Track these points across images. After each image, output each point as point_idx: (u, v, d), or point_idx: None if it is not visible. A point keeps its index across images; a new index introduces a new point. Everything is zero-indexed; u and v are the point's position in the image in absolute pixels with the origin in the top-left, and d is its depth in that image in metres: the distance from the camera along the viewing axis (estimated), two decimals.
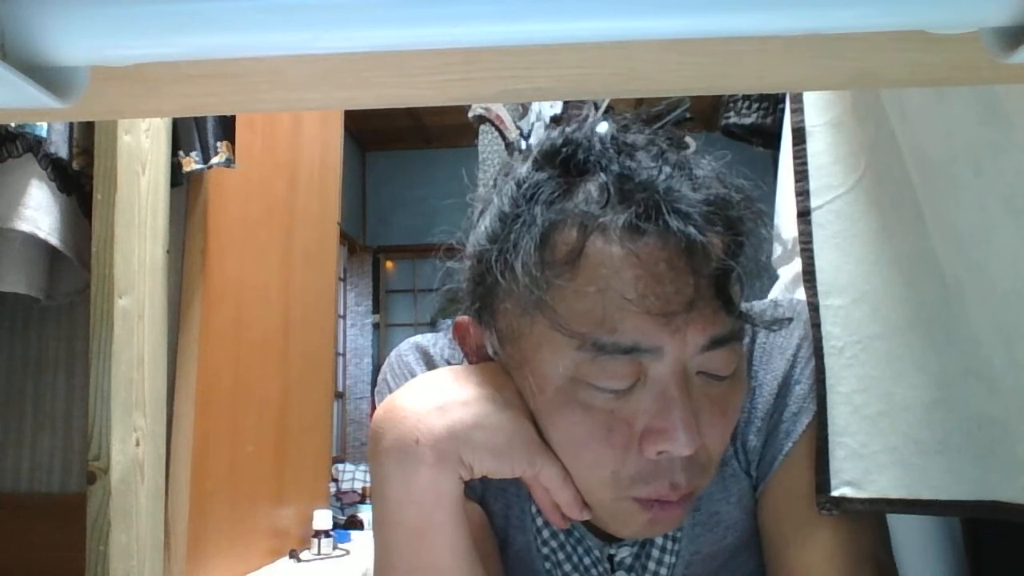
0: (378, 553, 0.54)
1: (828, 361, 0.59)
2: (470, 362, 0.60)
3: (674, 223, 0.47)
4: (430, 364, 0.65)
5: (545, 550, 0.63)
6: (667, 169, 0.49)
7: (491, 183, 0.57)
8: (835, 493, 0.57)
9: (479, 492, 0.64)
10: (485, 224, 0.54)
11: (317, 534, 2.00)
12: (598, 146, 0.52)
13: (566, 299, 0.48)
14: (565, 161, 0.52)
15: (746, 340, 0.60)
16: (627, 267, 0.47)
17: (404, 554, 0.52)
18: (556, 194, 0.50)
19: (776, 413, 0.59)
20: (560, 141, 0.53)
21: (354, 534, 2.28)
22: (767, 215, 0.54)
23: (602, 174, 0.50)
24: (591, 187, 0.50)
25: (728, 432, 0.54)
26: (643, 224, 0.47)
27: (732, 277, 0.49)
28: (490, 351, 0.56)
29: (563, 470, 0.52)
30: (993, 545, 0.78)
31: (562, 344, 0.49)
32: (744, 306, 0.51)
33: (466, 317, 0.58)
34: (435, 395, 0.53)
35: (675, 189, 0.48)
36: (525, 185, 0.52)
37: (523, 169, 0.54)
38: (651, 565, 0.61)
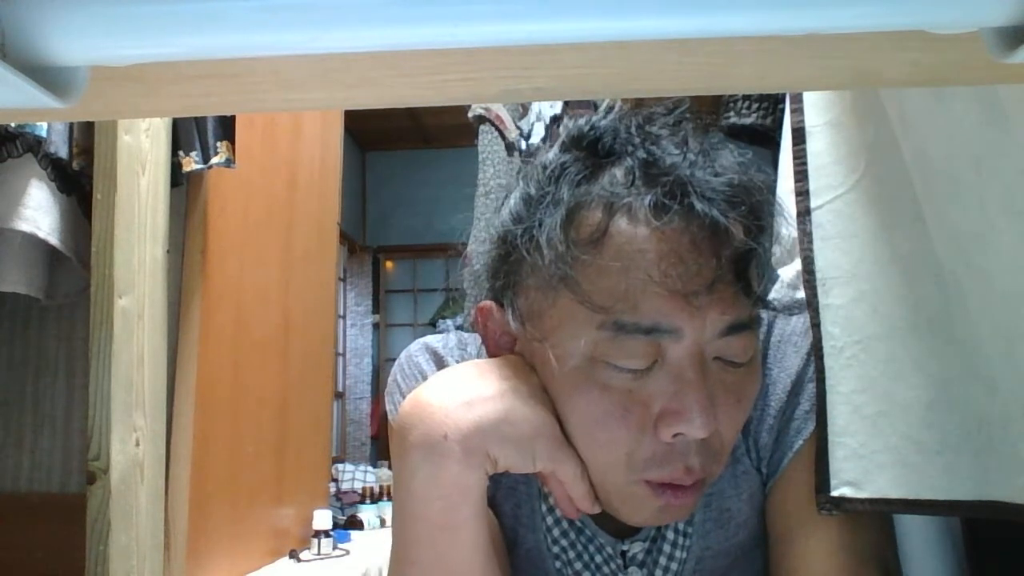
0: (397, 549, 0.54)
1: (828, 361, 0.59)
2: (489, 352, 0.60)
3: (698, 204, 0.48)
4: (440, 365, 0.65)
5: (556, 549, 0.63)
6: (691, 156, 0.51)
7: (516, 172, 0.58)
8: (835, 493, 0.57)
9: (490, 493, 0.64)
10: (509, 207, 0.55)
11: (317, 534, 2.00)
12: (623, 133, 0.53)
13: (590, 276, 0.49)
14: (592, 144, 0.53)
15: (761, 337, 0.60)
16: (650, 246, 0.48)
17: (425, 549, 0.52)
18: (582, 175, 0.52)
19: (788, 410, 0.60)
20: (587, 127, 0.54)
21: (354, 534, 2.29)
22: (781, 205, 0.55)
23: (628, 159, 0.51)
24: (616, 171, 0.51)
25: (742, 420, 0.54)
26: (668, 202, 0.48)
27: (752, 261, 0.50)
28: (512, 327, 0.56)
29: (580, 465, 0.53)
30: (993, 545, 0.78)
31: (583, 321, 0.50)
32: (762, 295, 0.52)
33: (488, 302, 0.59)
34: (462, 390, 0.53)
35: (698, 173, 0.50)
36: (552, 167, 0.53)
37: (549, 155, 0.55)
38: (662, 560, 0.61)
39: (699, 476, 0.52)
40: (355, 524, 2.53)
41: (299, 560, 1.92)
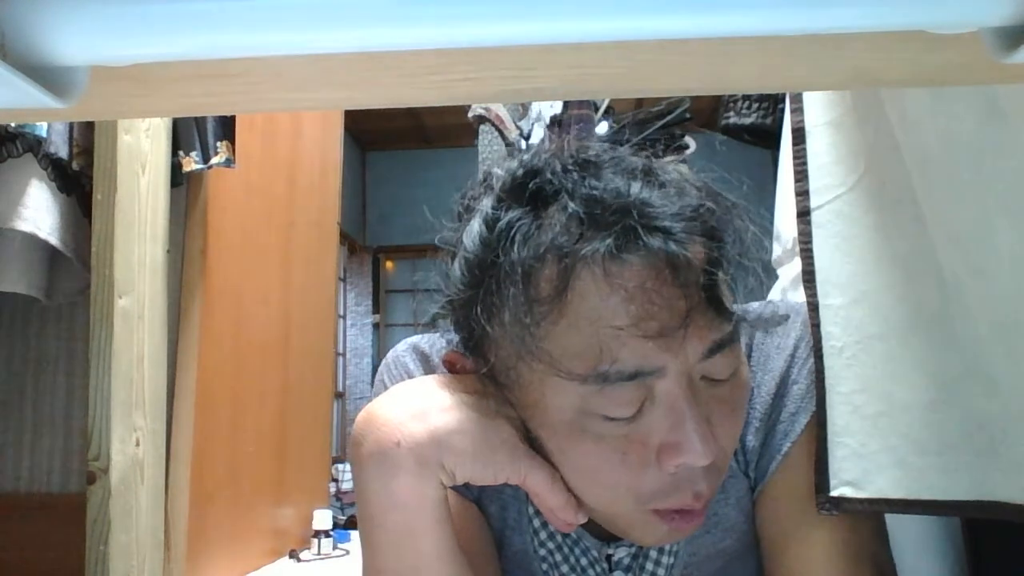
0: (365, 557, 0.54)
1: (828, 361, 0.59)
2: None
3: (654, 243, 0.46)
4: (427, 365, 0.65)
5: (542, 551, 0.63)
6: (636, 185, 0.48)
7: (458, 224, 0.54)
8: (834, 493, 0.57)
9: (475, 493, 0.64)
10: (460, 269, 0.52)
11: (317, 534, 2.01)
12: (560, 170, 0.50)
13: (559, 338, 0.47)
14: (532, 195, 0.50)
15: (744, 342, 0.60)
16: (615, 296, 0.46)
17: (389, 557, 0.52)
18: (529, 231, 0.49)
19: (774, 413, 0.59)
20: (521, 173, 0.51)
21: (354, 534, 2.28)
22: (741, 206, 0.52)
23: (570, 202, 0.48)
24: (561, 217, 0.48)
25: (740, 428, 0.53)
26: (624, 255, 0.46)
27: (720, 283, 0.49)
28: (491, 390, 0.54)
29: (551, 474, 0.51)
30: (993, 545, 0.78)
31: (564, 383, 0.48)
32: (738, 308, 0.51)
33: (456, 355, 0.57)
34: (416, 401, 0.52)
35: (648, 205, 0.47)
36: (497, 228, 0.50)
37: (487, 205, 0.52)
38: (648, 565, 0.61)
39: (708, 497, 0.51)
40: (355, 524, 2.52)
41: (299, 560, 1.92)
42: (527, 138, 2.17)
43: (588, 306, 0.47)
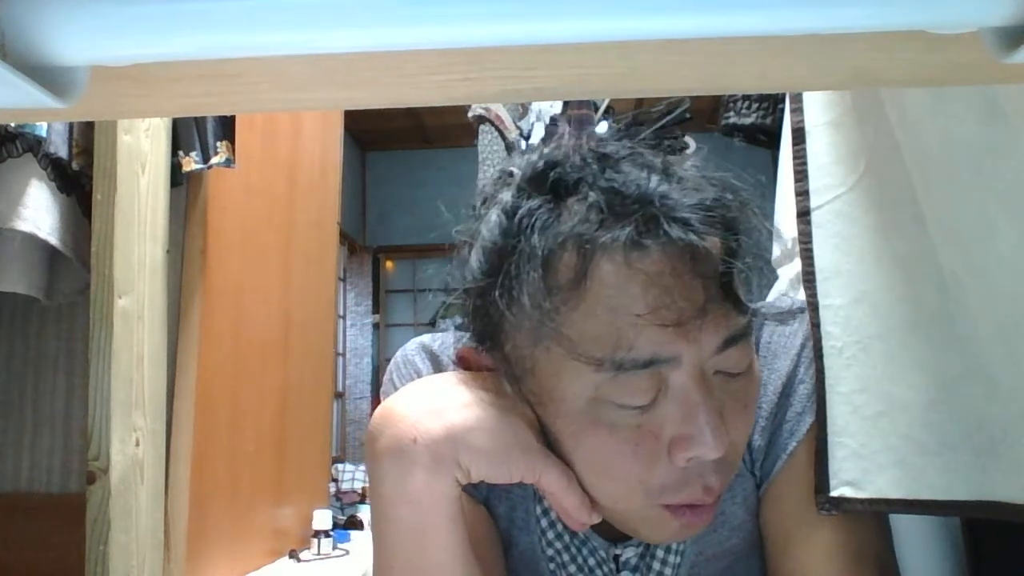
0: (376, 552, 0.54)
1: (828, 361, 0.59)
2: None
3: (675, 232, 0.46)
4: (437, 364, 0.65)
5: (550, 551, 0.63)
6: (655, 177, 0.49)
7: (475, 216, 0.55)
8: (835, 493, 0.57)
9: (484, 493, 0.64)
10: (478, 258, 0.53)
11: (317, 534, 2.01)
12: (579, 162, 0.51)
13: (577, 324, 0.48)
14: (554, 185, 0.51)
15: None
16: (634, 283, 0.47)
17: (401, 554, 0.52)
18: (549, 219, 0.49)
19: (780, 413, 0.59)
20: (542, 165, 0.52)
21: (354, 534, 2.29)
22: (755, 203, 0.53)
23: (591, 192, 0.49)
24: (582, 207, 0.49)
25: (751, 424, 0.54)
26: (644, 240, 0.47)
27: (736, 276, 0.49)
28: (507, 388, 0.54)
29: (566, 474, 0.52)
30: (993, 545, 0.78)
31: (580, 368, 0.48)
32: (753, 303, 0.51)
33: (468, 350, 0.57)
34: (433, 398, 0.53)
35: (668, 197, 0.48)
36: (517, 216, 0.51)
37: (506, 196, 0.53)
38: (656, 565, 0.61)
39: (718, 492, 0.51)
40: (355, 524, 2.53)
41: (299, 560, 1.92)
42: (527, 138, 2.17)
43: (607, 293, 0.47)
